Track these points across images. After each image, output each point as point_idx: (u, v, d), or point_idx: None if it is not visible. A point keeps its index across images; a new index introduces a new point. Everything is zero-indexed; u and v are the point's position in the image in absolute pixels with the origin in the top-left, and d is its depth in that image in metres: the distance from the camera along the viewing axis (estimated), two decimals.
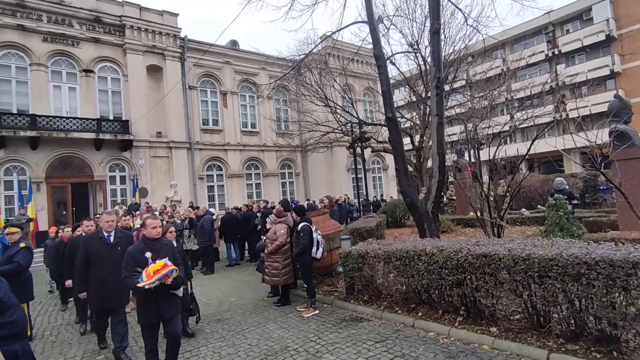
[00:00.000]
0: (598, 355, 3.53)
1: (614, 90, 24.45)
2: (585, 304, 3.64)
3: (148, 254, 3.59)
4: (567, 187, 9.10)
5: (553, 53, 29.95)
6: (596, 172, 7.65)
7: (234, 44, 22.14)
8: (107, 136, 16.05)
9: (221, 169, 20.35)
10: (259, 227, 10.50)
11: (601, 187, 12.42)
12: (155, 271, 3.41)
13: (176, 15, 18.97)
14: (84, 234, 5.73)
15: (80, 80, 16.36)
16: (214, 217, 11.12)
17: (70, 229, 7.36)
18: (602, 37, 27.49)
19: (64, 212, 15.91)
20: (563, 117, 18.49)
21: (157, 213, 13.09)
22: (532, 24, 28.95)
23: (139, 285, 3.37)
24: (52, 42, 15.71)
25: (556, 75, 21.36)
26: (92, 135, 15.71)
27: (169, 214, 13.28)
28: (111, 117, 16.94)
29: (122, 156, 16.94)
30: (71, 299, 6.92)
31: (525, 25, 28.35)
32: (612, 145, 6.15)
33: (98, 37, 16.69)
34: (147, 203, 15.25)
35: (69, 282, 5.90)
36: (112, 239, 4.67)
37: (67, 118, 15.49)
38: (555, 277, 3.69)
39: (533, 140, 6.82)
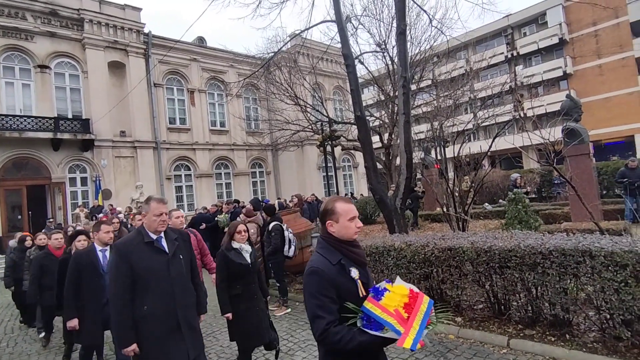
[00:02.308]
0: (553, 339, 3.79)
1: (566, 91, 26.03)
2: (541, 291, 3.89)
3: (355, 273, 1.76)
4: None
5: (512, 55, 31.43)
6: (551, 168, 8.14)
7: (201, 40, 21.63)
8: (66, 136, 15.24)
9: (189, 169, 19.87)
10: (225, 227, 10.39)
11: (555, 182, 13.21)
12: (407, 307, 1.58)
13: (139, 9, 18.29)
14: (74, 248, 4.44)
15: (35, 76, 15.44)
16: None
17: (59, 237, 5.40)
18: (555, 40, 29.17)
19: (19, 217, 14.97)
20: (521, 116, 19.49)
21: (121, 216, 12.63)
22: (493, 26, 30.21)
23: (403, 345, 1.47)
24: (3, 36, 14.72)
25: (515, 76, 22.44)
26: (49, 135, 14.87)
27: (133, 216, 12.83)
28: (70, 116, 16.10)
29: (83, 157, 16.15)
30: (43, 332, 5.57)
31: (486, 28, 29.54)
32: (564, 142, 6.57)
33: (54, 31, 15.80)
34: (111, 205, 14.64)
35: (74, 323, 3.67)
36: (164, 244, 2.71)
37: (21, 117, 14.58)
38: (514, 267, 3.92)
39: (494, 138, 7.15)
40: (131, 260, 2.53)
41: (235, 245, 3.56)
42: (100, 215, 12.91)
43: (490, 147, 7.52)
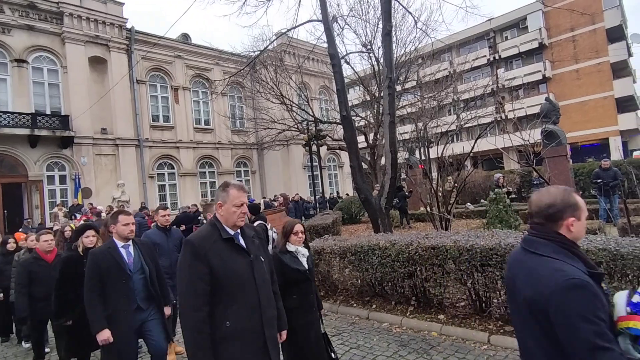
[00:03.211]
0: None
1: (545, 94, 26.76)
2: None
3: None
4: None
5: (494, 58, 32.12)
6: (530, 168, 8.37)
7: (185, 37, 21.32)
8: (44, 132, 14.79)
9: (173, 167, 19.57)
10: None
11: (535, 182, 13.55)
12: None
13: (121, 4, 17.89)
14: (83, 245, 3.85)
15: (12, 70, 14.92)
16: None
17: (48, 238, 4.51)
18: (535, 44, 29.96)
19: None
20: (502, 118, 19.96)
21: (103, 215, 12.36)
22: (476, 30, 30.81)
23: None
24: None
25: (497, 78, 22.99)
26: (25, 131, 14.40)
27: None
28: (48, 112, 15.62)
29: (62, 154, 15.71)
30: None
31: (470, 31, 30.13)
32: (543, 143, 6.78)
33: (32, 24, 15.30)
34: (91, 204, 14.28)
35: (106, 335, 2.92)
36: (242, 242, 2.21)
37: None
38: (495, 265, 4.03)
39: (476, 139, 7.33)
40: (210, 261, 1.97)
41: (290, 247, 3.04)
42: (79, 215, 12.61)
43: (473, 148, 7.70)
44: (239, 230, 2.18)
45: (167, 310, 3.34)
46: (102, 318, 2.91)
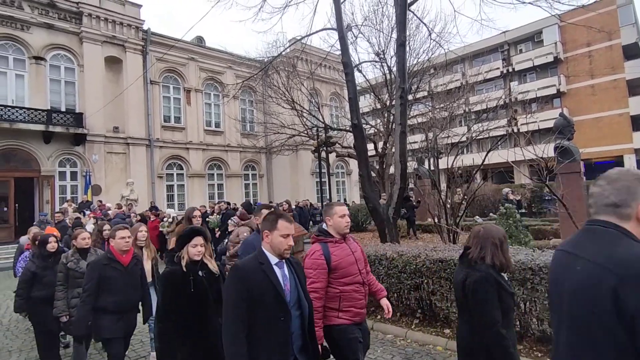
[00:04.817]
0: (539, 354, 3.80)
1: (559, 109, 26.48)
2: (530, 306, 3.92)
3: None
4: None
5: (507, 70, 31.92)
6: (542, 184, 8.24)
7: (200, 40, 21.59)
8: (58, 129, 15.03)
9: (182, 168, 19.71)
10: (217, 230, 10.16)
11: (546, 198, 13.37)
12: None
13: (139, 6, 18.22)
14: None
15: (30, 67, 15.24)
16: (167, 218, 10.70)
17: (125, 235, 3.52)
18: (550, 58, 29.73)
19: (5, 209, 14.67)
20: (515, 132, 19.77)
21: (110, 212, 12.47)
22: (490, 42, 30.65)
23: None
24: None
25: (510, 91, 22.79)
26: (40, 127, 14.65)
27: (124, 213, 12.70)
28: (63, 109, 15.89)
29: (74, 151, 15.93)
30: None
31: (484, 43, 29.94)
32: (556, 160, 6.67)
33: (52, 23, 15.64)
34: (100, 201, 14.44)
35: None
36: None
37: (13, 107, 14.36)
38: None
39: (488, 152, 7.25)
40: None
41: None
42: (89, 212, 12.73)
43: (484, 160, 7.61)
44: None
45: None
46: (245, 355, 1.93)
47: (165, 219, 10.35)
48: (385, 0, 14.12)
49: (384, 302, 2.87)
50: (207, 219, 10.66)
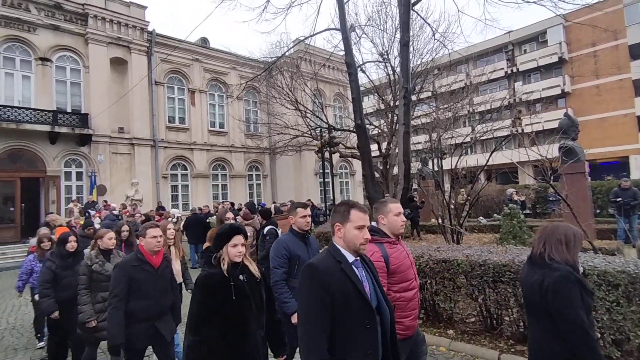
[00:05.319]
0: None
1: (564, 109, 26.33)
2: None
3: None
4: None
5: (512, 71, 31.79)
6: (547, 184, 8.20)
7: (204, 41, 21.70)
8: (64, 129, 15.16)
9: (186, 169, 19.81)
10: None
11: (550, 198, 13.29)
12: None
13: (144, 7, 18.34)
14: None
15: (36, 68, 15.38)
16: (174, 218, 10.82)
17: (156, 233, 3.23)
18: (555, 58, 29.58)
19: (12, 209, 14.81)
20: (519, 132, 19.68)
21: (115, 212, 12.57)
22: (494, 42, 30.59)
23: None
24: (5, 26, 14.67)
25: (514, 91, 22.70)
26: (46, 128, 14.78)
27: (129, 213, 12.79)
28: (69, 110, 16.03)
29: (80, 151, 16.06)
30: None
31: (488, 43, 29.88)
32: (561, 160, 6.64)
33: (57, 24, 15.79)
34: (106, 201, 14.54)
35: None
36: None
37: (19, 108, 14.50)
38: (508, 282, 3.94)
39: (492, 152, 7.23)
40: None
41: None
42: (94, 212, 12.82)
43: (488, 161, 7.59)
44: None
45: None
46: None
47: (170, 219, 10.41)
48: (389, 1, 14.14)
49: None
50: (208, 220, 10.75)
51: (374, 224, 2.44)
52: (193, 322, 2.25)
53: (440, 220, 7.63)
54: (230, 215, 4.25)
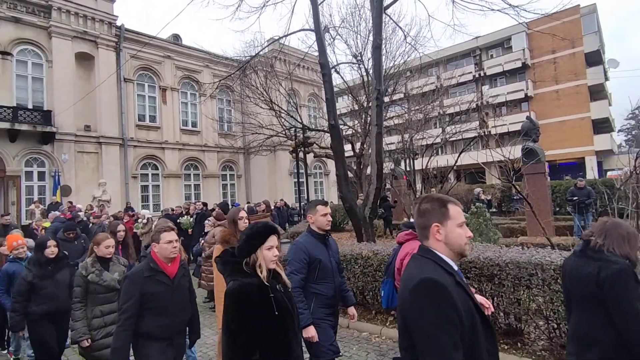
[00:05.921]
0: (506, 347, 4.03)
1: (527, 112, 27.63)
2: (497, 301, 4.14)
3: None
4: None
5: (479, 75, 33.03)
6: (510, 184, 8.64)
7: (176, 38, 21.18)
8: (24, 127, 14.40)
9: (157, 168, 19.29)
10: (190, 231, 10.32)
11: (514, 197, 13.97)
12: None
13: (112, 1, 17.70)
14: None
15: None
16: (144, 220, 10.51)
17: (172, 238, 2.81)
18: (519, 64, 31.01)
19: None
20: (485, 134, 20.50)
21: (81, 213, 12.08)
22: (463, 47, 31.65)
23: None
24: None
25: (481, 95, 23.63)
26: (5, 125, 13.99)
27: (96, 214, 12.33)
28: (30, 106, 15.24)
29: (42, 150, 15.30)
30: None
31: (457, 48, 30.93)
32: (523, 161, 7.03)
33: (19, 16, 14.95)
34: (70, 202, 13.92)
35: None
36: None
37: None
38: (474, 277, 4.16)
39: (460, 153, 7.55)
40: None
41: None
42: (57, 212, 12.27)
43: (457, 161, 7.92)
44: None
45: None
46: None
47: (140, 220, 10.16)
48: (363, 3, 14.37)
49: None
50: (178, 220, 10.55)
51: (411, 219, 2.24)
52: (239, 356, 1.75)
53: (412, 219, 7.87)
54: (243, 214, 3.55)
